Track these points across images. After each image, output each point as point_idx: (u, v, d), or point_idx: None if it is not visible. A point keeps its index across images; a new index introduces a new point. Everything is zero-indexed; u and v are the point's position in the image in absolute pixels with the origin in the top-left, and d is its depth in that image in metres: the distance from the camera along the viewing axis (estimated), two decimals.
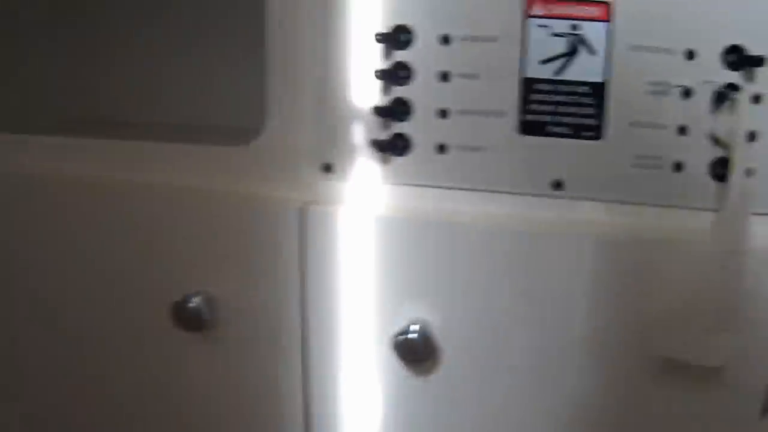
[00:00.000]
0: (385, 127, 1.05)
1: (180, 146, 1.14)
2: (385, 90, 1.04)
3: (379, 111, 1.04)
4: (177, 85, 1.30)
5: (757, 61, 0.93)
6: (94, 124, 1.24)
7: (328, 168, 1.08)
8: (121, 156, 1.16)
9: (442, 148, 1.04)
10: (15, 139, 1.22)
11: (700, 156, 0.96)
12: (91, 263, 1.19)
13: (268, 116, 1.08)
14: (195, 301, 1.11)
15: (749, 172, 0.95)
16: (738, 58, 0.94)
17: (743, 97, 0.94)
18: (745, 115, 0.94)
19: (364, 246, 1.07)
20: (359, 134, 1.06)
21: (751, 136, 0.95)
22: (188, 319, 1.11)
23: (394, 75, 1.03)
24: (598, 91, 0.98)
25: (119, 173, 1.16)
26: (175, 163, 1.13)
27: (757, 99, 0.94)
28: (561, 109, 1.00)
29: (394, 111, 1.04)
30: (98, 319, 1.20)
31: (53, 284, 1.22)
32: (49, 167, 1.19)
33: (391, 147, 1.05)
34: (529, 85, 1.00)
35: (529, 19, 0.98)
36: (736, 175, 0.93)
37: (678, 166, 0.97)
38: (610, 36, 0.97)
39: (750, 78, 0.94)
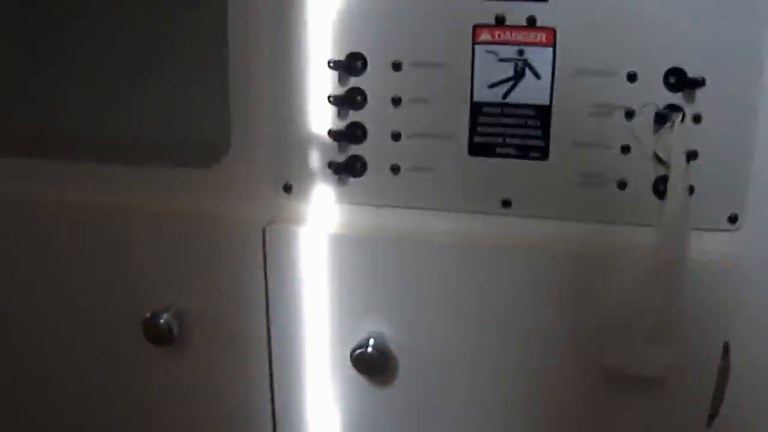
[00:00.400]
0: (342, 149, 0.97)
1: (148, 168, 1.05)
2: (341, 114, 0.96)
3: (335, 134, 0.96)
4: (146, 101, 1.21)
5: (698, 83, 0.86)
6: (59, 143, 1.17)
7: (288, 188, 1.00)
8: (90, 177, 1.07)
9: (395, 170, 0.96)
10: None
11: (643, 174, 0.90)
12: (63, 281, 1.09)
13: (232, 140, 1.00)
14: (165, 317, 1.02)
15: (691, 190, 0.89)
16: (678, 80, 0.87)
17: (679, 120, 0.87)
18: (682, 137, 0.88)
19: (323, 263, 1.00)
20: (317, 156, 0.98)
21: (693, 155, 0.88)
22: (158, 334, 1.03)
23: (348, 100, 0.95)
24: (543, 113, 0.91)
25: (90, 195, 1.07)
26: (144, 183, 1.05)
27: (697, 119, 0.88)
28: (508, 131, 0.93)
29: (350, 134, 0.96)
30: (71, 336, 1.11)
31: (26, 303, 1.13)
32: (19, 189, 1.10)
33: (348, 168, 0.97)
34: (477, 108, 0.93)
35: (477, 45, 0.90)
36: (674, 193, 0.87)
37: (622, 184, 0.91)
38: (554, 61, 0.90)
39: (691, 99, 0.87)
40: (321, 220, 1.00)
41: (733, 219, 0.88)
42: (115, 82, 1.19)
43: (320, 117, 0.96)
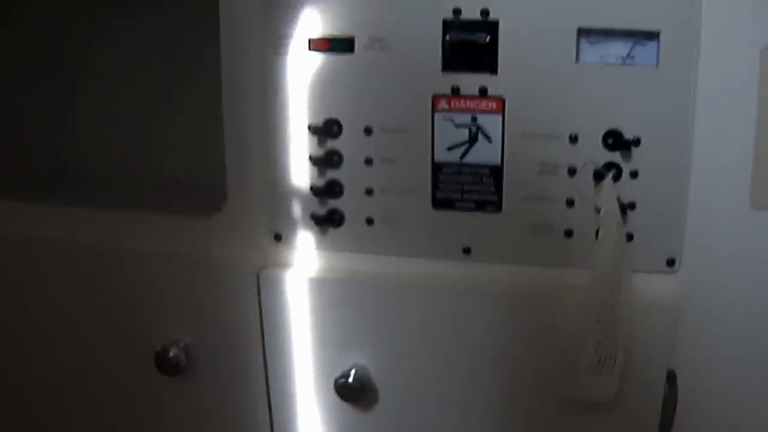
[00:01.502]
0: (322, 203, 1.02)
1: (155, 216, 1.11)
2: (321, 173, 1.01)
3: (317, 190, 1.02)
4: (155, 143, 1.27)
5: (633, 143, 0.91)
6: (76, 190, 1.23)
7: (278, 237, 1.05)
8: (107, 224, 1.13)
9: (369, 221, 1.01)
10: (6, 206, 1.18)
11: (587, 224, 0.94)
12: (80, 319, 1.15)
13: (228, 194, 1.05)
14: (173, 351, 1.08)
15: (630, 237, 0.93)
16: (615, 140, 0.91)
17: (610, 177, 0.92)
18: (614, 192, 0.91)
19: (309, 303, 1.04)
20: (302, 209, 1.03)
21: (631, 206, 0.93)
22: (168, 365, 1.08)
23: (327, 160, 1.00)
24: (496, 172, 0.96)
25: (105, 239, 1.12)
26: (154, 230, 1.10)
27: (634, 174, 0.92)
28: (466, 187, 0.97)
29: (329, 190, 1.01)
30: (90, 367, 1.17)
31: (47, 337, 1.18)
32: (39, 232, 1.16)
33: (328, 220, 1.02)
34: (438, 168, 0.97)
35: (436, 113, 0.96)
36: (604, 241, 0.91)
37: (568, 233, 0.95)
38: (504, 126, 0.95)
39: (627, 157, 0.92)
40: (307, 266, 1.05)
41: (671, 262, 0.92)
42: (127, 136, 1.24)
43: (303, 175, 1.01)
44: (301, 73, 0.99)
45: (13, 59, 1.24)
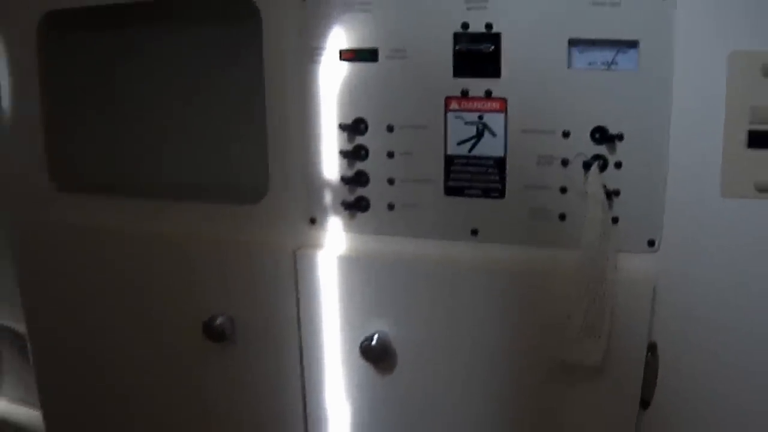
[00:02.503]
0: (351, 191, 1.09)
1: (209, 205, 1.18)
2: (349, 165, 1.08)
3: (346, 180, 1.08)
4: (199, 151, 1.31)
5: (617, 137, 0.96)
6: (144, 187, 1.27)
7: (313, 221, 1.12)
8: (166, 214, 1.20)
9: (391, 207, 1.07)
10: (82, 198, 1.26)
11: (578, 208, 0.99)
12: (143, 294, 1.22)
13: (270, 185, 1.12)
14: (219, 320, 1.14)
15: (615, 220, 0.98)
16: (602, 135, 0.97)
17: (596, 167, 0.97)
18: (600, 180, 0.97)
19: (339, 278, 1.10)
20: (333, 197, 1.10)
21: (616, 193, 0.98)
22: (214, 333, 1.13)
23: (355, 154, 1.07)
24: (499, 163, 1.02)
25: (164, 227, 1.20)
26: (206, 218, 1.17)
27: (618, 165, 0.97)
28: (474, 177, 1.03)
29: (357, 180, 1.08)
30: (149, 335, 1.24)
31: (115, 312, 1.25)
32: (109, 223, 1.23)
33: (356, 206, 1.08)
34: (450, 160, 1.03)
35: (449, 112, 1.02)
36: (591, 222, 0.96)
37: (562, 216, 1.00)
38: (506, 123, 1.00)
39: (612, 150, 0.97)
40: (337, 246, 1.11)
41: (651, 243, 0.97)
42: (189, 144, 1.28)
43: (334, 167, 1.08)
44: (332, 80, 1.06)
45: (74, 74, 1.29)
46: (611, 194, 0.98)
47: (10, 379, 1.81)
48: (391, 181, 1.07)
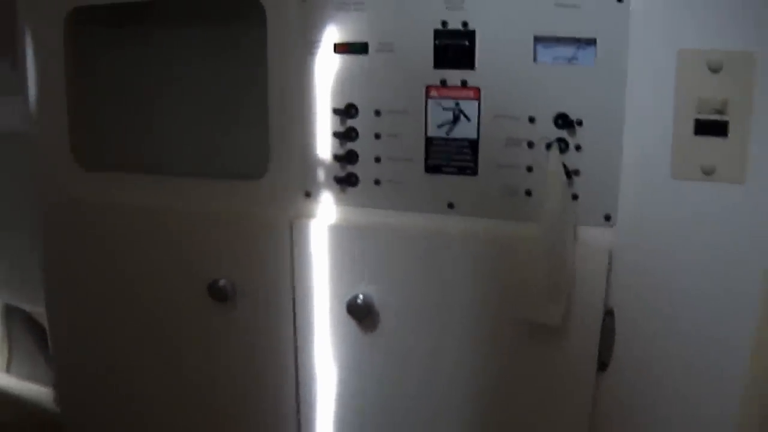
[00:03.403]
0: (342, 168, 1.15)
1: (216, 181, 1.23)
2: (341, 145, 1.14)
3: (338, 158, 1.14)
4: (203, 139, 1.36)
5: (577, 123, 1.03)
6: (155, 167, 1.31)
7: (308, 194, 1.17)
8: (177, 190, 1.25)
9: (377, 182, 1.13)
10: (106, 176, 1.31)
11: (542, 185, 1.05)
12: (155, 260, 1.28)
13: (271, 162, 1.17)
14: (222, 282, 1.20)
15: (575, 197, 1.04)
16: (564, 121, 1.03)
17: (554, 149, 1.03)
18: (559, 160, 1.03)
19: (331, 245, 1.16)
20: (327, 173, 1.16)
21: (576, 173, 1.04)
22: (218, 293, 1.20)
23: (346, 135, 1.13)
24: (473, 144, 1.08)
25: (172, 201, 1.25)
26: (212, 192, 1.23)
27: (578, 148, 1.03)
28: (451, 156, 1.09)
29: (348, 158, 1.14)
30: (160, 295, 1.29)
31: (131, 276, 1.31)
32: (126, 198, 1.28)
33: (347, 181, 1.15)
34: (430, 141, 1.10)
35: (429, 99, 1.08)
36: (549, 200, 1.02)
37: (528, 193, 1.07)
38: (479, 109, 1.07)
39: (573, 134, 1.03)
40: (329, 217, 1.16)
41: (608, 218, 1.03)
42: (200, 127, 1.33)
43: (328, 146, 1.14)
44: (327, 70, 1.12)
45: (98, 64, 1.34)
46: (571, 173, 1.03)
47: (20, 357, 1.85)
48: (377, 160, 1.12)
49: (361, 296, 1.13)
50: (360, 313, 1.13)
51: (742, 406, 1.03)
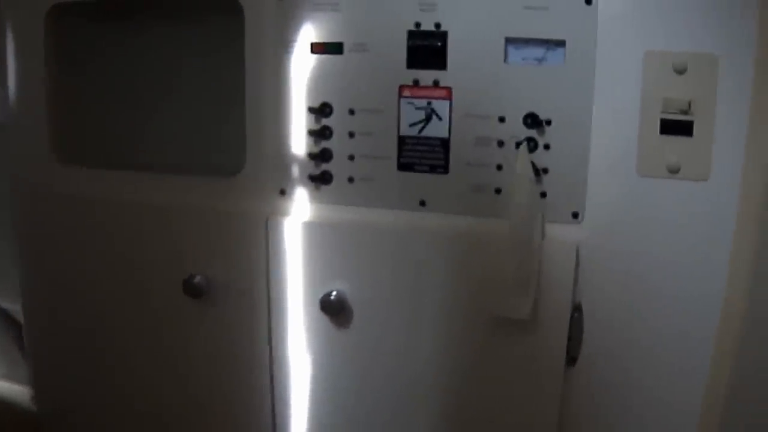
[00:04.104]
0: (317, 166, 1.14)
1: (192, 178, 1.22)
2: (316, 143, 1.14)
3: (312, 156, 1.14)
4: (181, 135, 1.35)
5: (546, 123, 1.03)
6: (132, 162, 1.31)
7: (283, 192, 1.17)
8: (152, 185, 1.24)
9: (351, 180, 1.13)
10: (83, 170, 1.29)
11: (501, 183, 1.07)
12: (130, 255, 1.27)
13: (246, 160, 1.16)
14: (197, 279, 1.19)
15: (544, 195, 1.04)
16: (533, 120, 1.03)
17: (522, 147, 1.03)
18: (527, 158, 1.03)
19: (305, 242, 1.16)
20: (301, 171, 1.15)
21: (545, 171, 1.04)
22: (193, 290, 1.19)
23: (321, 134, 1.13)
24: (444, 143, 1.08)
25: (148, 196, 1.24)
26: (188, 189, 1.22)
27: (547, 147, 1.04)
28: (423, 155, 1.09)
29: (322, 156, 1.13)
30: (135, 294, 1.28)
31: (105, 272, 1.29)
32: (102, 193, 1.27)
33: (321, 179, 1.14)
34: (402, 140, 1.10)
35: (402, 99, 1.09)
36: (517, 196, 1.03)
37: (498, 191, 1.07)
38: (451, 109, 1.07)
39: (542, 133, 1.04)
40: (304, 214, 1.15)
41: (575, 215, 1.03)
42: (176, 124, 1.32)
43: (302, 145, 1.13)
44: (303, 69, 1.12)
45: (77, 60, 1.33)
46: (540, 172, 1.04)
47: None
48: (351, 158, 1.12)
49: (334, 293, 1.13)
50: (333, 310, 1.13)
51: (706, 398, 1.04)
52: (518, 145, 1.03)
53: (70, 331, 1.34)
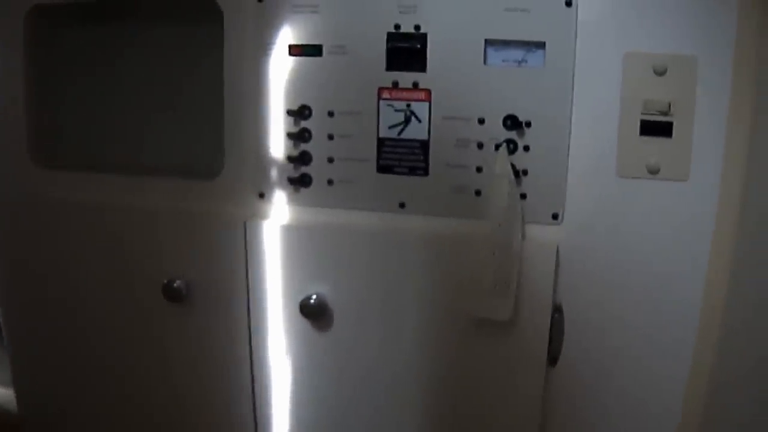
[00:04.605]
0: (296, 169, 1.12)
1: (171, 181, 1.19)
2: (295, 146, 1.12)
3: (292, 159, 1.12)
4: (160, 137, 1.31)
5: (526, 124, 1.02)
6: (110, 165, 1.27)
7: (262, 195, 1.15)
8: (131, 188, 1.22)
9: (330, 182, 1.11)
10: (62, 174, 1.26)
11: (480, 185, 1.05)
12: (110, 258, 1.24)
13: (225, 163, 1.15)
14: (177, 283, 1.17)
15: (524, 196, 1.03)
16: (512, 122, 1.02)
17: (502, 149, 1.02)
18: (507, 160, 1.02)
19: (284, 245, 1.14)
20: (280, 174, 1.13)
21: (525, 173, 1.03)
22: (172, 294, 1.17)
23: (300, 136, 1.11)
24: (424, 145, 1.07)
25: (129, 200, 1.21)
26: (167, 192, 1.19)
27: (527, 149, 1.02)
28: (402, 157, 1.08)
29: (301, 159, 1.12)
30: (115, 298, 1.25)
31: (86, 274, 1.26)
32: (80, 196, 1.24)
33: (300, 182, 1.12)
34: (382, 142, 1.08)
35: (381, 101, 1.07)
36: (498, 195, 1.02)
37: (478, 192, 1.06)
38: (430, 110, 1.06)
39: (522, 135, 1.03)
40: (283, 217, 1.14)
41: (555, 216, 1.02)
42: (155, 127, 1.29)
43: (281, 147, 1.11)
44: (282, 71, 1.10)
45: (56, 62, 1.31)
46: (520, 173, 1.03)
47: None
48: (330, 160, 1.10)
49: (314, 296, 1.11)
50: (314, 313, 1.11)
51: (686, 399, 1.04)
52: (498, 147, 1.02)
53: (51, 334, 1.32)
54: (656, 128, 0.98)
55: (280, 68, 1.10)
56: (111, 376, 1.29)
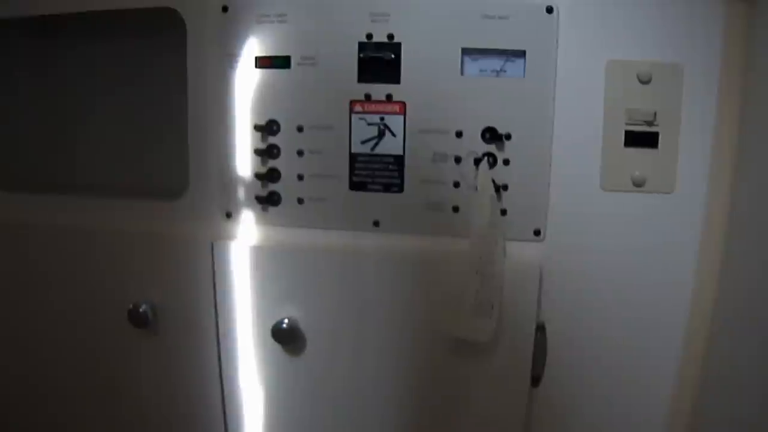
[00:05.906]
0: (264, 187, 1.05)
1: (133, 201, 1.12)
2: (263, 162, 1.04)
3: (259, 177, 1.04)
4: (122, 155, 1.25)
5: (505, 137, 0.96)
6: (71, 185, 1.22)
7: (229, 215, 1.07)
8: (93, 209, 1.14)
9: (300, 201, 1.04)
10: (22, 196, 1.18)
11: (458, 201, 0.99)
12: (71, 283, 1.15)
13: (190, 182, 1.07)
14: (143, 307, 1.09)
15: (504, 212, 0.97)
16: (492, 135, 0.96)
17: (482, 164, 0.96)
18: (488, 175, 0.95)
19: (253, 267, 1.06)
20: (247, 192, 1.05)
21: (505, 188, 0.97)
22: (139, 320, 1.09)
23: (268, 152, 1.03)
24: (398, 160, 1.00)
25: (91, 221, 1.13)
26: (129, 213, 1.12)
27: (507, 162, 0.96)
28: (376, 173, 1.01)
29: (269, 176, 1.04)
30: (77, 324, 1.16)
31: (46, 299, 1.17)
32: (40, 219, 1.16)
33: (268, 201, 1.05)
34: (354, 157, 1.01)
35: (353, 114, 1.00)
36: (479, 211, 0.95)
37: (455, 209, 0.99)
38: (405, 124, 0.99)
39: (501, 148, 0.97)
40: (251, 237, 1.06)
41: (537, 232, 0.97)
42: (116, 146, 1.23)
43: (249, 164, 1.03)
44: (249, 84, 1.03)
45: (9, 81, 1.24)
46: (500, 188, 0.97)
47: None
48: (300, 177, 1.03)
49: (286, 320, 1.03)
50: (286, 338, 1.03)
51: (671, 416, 1.00)
52: (477, 161, 0.96)
53: (11, 362, 1.22)
54: (641, 139, 0.93)
55: (247, 81, 1.02)
56: (75, 406, 1.20)
